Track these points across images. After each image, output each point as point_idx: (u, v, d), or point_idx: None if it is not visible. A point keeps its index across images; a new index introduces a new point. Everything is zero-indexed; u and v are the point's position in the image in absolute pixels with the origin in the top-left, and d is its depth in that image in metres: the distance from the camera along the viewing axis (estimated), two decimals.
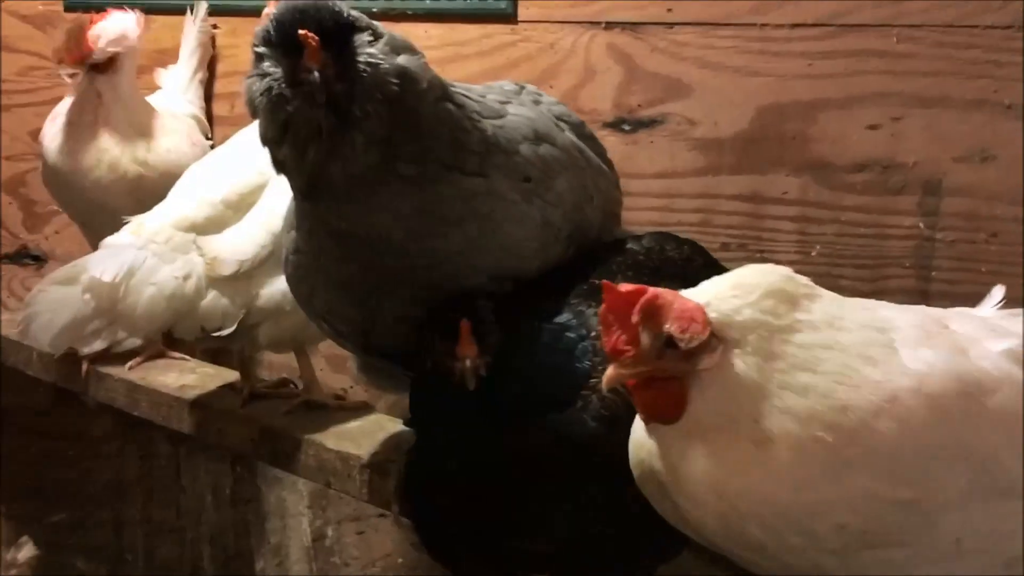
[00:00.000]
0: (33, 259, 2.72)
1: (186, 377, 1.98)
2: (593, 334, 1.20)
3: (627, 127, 1.77)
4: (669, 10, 1.71)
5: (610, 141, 1.74)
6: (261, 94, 1.17)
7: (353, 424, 1.73)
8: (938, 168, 1.49)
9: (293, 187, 1.27)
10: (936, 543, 0.94)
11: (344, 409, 1.80)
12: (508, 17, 1.86)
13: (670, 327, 0.96)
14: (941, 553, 0.95)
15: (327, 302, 1.34)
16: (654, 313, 0.97)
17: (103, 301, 1.62)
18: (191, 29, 2.20)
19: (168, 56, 2.27)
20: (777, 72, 1.61)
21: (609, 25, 1.77)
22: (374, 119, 1.16)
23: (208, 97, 2.27)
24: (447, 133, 1.22)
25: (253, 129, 1.69)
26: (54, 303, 1.73)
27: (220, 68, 2.27)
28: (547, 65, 1.82)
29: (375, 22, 1.21)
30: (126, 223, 1.73)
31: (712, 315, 0.97)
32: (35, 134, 2.61)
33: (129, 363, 1.98)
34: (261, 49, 1.18)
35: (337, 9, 1.18)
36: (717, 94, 1.67)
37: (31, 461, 2.68)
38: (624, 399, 1.11)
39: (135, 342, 1.79)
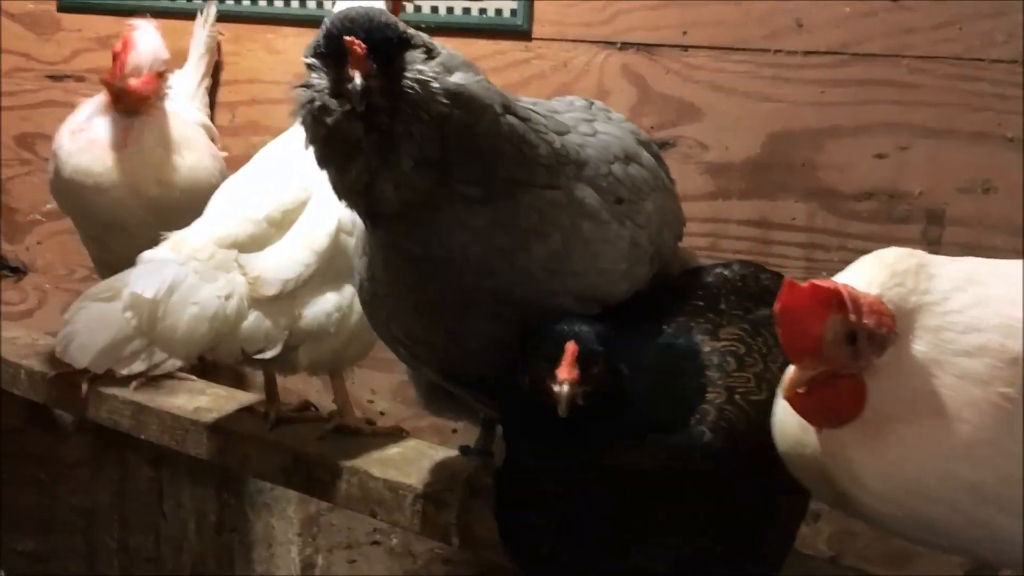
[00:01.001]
0: (11, 270, 2.90)
1: (198, 399, 2.07)
2: (706, 350, 1.32)
3: None
4: (684, 33, 1.97)
5: None
6: (304, 105, 1.27)
7: (393, 451, 1.83)
8: (942, 198, 1.75)
9: (356, 211, 1.35)
10: None
11: (378, 435, 1.90)
12: (522, 34, 2.11)
13: (867, 321, 1.03)
14: None
15: (406, 327, 1.41)
16: (845, 308, 1.03)
17: (143, 319, 1.68)
18: (200, 33, 2.39)
19: (174, 63, 2.48)
20: (788, 98, 1.87)
21: (624, 46, 2.03)
22: (420, 140, 1.24)
23: (210, 105, 2.46)
24: (511, 149, 1.30)
25: (287, 139, 1.91)
26: (94, 321, 1.75)
27: (223, 76, 2.49)
28: (560, 84, 2.08)
29: (433, 41, 1.31)
30: (140, 239, 1.84)
31: (889, 306, 1.05)
32: (19, 139, 2.86)
33: (133, 383, 2.06)
34: (310, 60, 1.28)
35: (390, 23, 1.28)
36: (729, 118, 1.92)
37: None
38: (742, 412, 1.25)
39: (175, 364, 1.82)
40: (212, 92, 2.49)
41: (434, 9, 2.19)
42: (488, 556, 1.61)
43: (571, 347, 1.20)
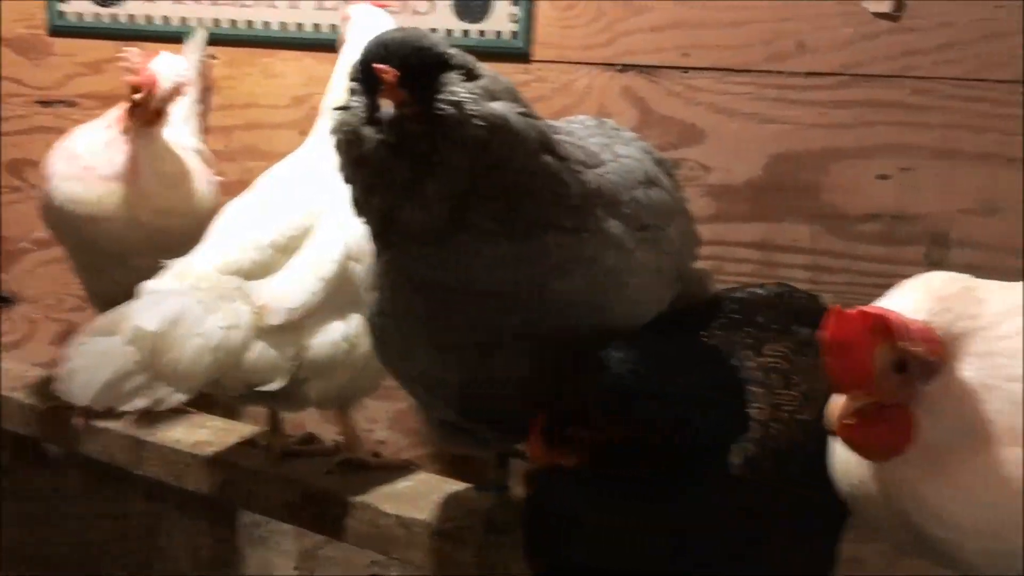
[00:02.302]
0: (1, 300, 2.91)
1: (197, 432, 2.06)
2: (751, 365, 1.33)
3: None
4: (685, 54, 2.05)
5: None
6: (339, 129, 1.30)
7: (404, 485, 1.83)
8: (945, 220, 1.83)
9: (371, 229, 1.37)
10: None
11: (386, 468, 1.90)
12: (522, 56, 2.18)
13: (917, 349, 1.04)
14: None
15: (422, 365, 1.41)
16: (894, 335, 1.04)
17: (146, 353, 1.65)
18: (192, 57, 2.44)
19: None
20: (791, 120, 1.95)
21: (625, 68, 2.11)
22: (452, 168, 1.25)
23: (204, 130, 2.50)
24: (543, 189, 1.31)
25: (292, 162, 1.97)
26: (94, 356, 1.69)
27: (216, 100, 2.55)
28: (561, 106, 2.14)
29: (478, 62, 1.32)
30: (135, 268, 1.83)
31: (938, 332, 1.06)
32: (9, 165, 2.92)
33: (126, 416, 2.02)
34: (351, 84, 1.30)
35: (426, 44, 1.28)
36: (731, 140, 2.00)
37: None
38: (785, 431, 1.27)
39: (179, 399, 1.73)
40: (205, 117, 2.54)
41: (433, 30, 2.27)
42: None
43: (537, 420, 1.24)
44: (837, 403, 1.08)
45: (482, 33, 2.23)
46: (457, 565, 1.65)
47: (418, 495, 1.79)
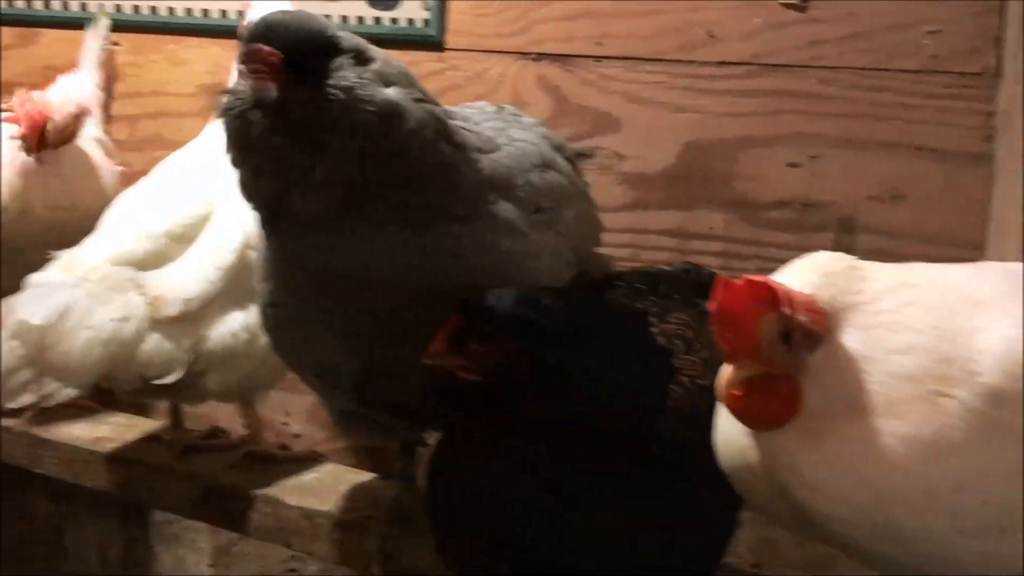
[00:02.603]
0: None
1: (98, 429, 2.04)
2: (652, 329, 1.34)
3: None
4: (598, 43, 2.07)
5: None
6: (225, 111, 1.29)
7: (309, 476, 1.82)
8: (853, 207, 1.88)
9: (260, 215, 1.36)
10: None
11: (293, 460, 1.89)
12: (435, 45, 2.19)
13: (802, 318, 1.05)
14: None
15: (317, 354, 1.41)
16: (779, 305, 1.05)
17: (32, 348, 1.63)
18: (92, 46, 2.42)
19: (61, 73, 2.45)
20: (703, 109, 1.98)
21: (539, 56, 2.12)
22: (341, 154, 1.24)
23: (107, 119, 2.47)
24: (437, 177, 1.31)
25: (190, 151, 1.95)
26: None
27: (120, 88, 2.51)
28: (475, 95, 2.13)
29: (371, 46, 1.32)
30: (32, 262, 1.80)
31: (822, 306, 1.08)
32: None
33: (26, 414, 1.99)
34: (238, 67, 1.29)
35: (314, 27, 1.27)
36: (645, 129, 2.03)
37: None
38: (688, 394, 1.28)
39: (68, 394, 1.70)
40: (108, 106, 2.50)
41: (344, 19, 2.25)
42: None
43: (451, 320, 1.21)
44: (725, 372, 1.09)
45: (394, 21, 2.22)
46: (361, 556, 1.65)
47: (324, 487, 1.79)
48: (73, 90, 2.13)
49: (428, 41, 2.20)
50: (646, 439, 1.27)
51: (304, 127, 1.25)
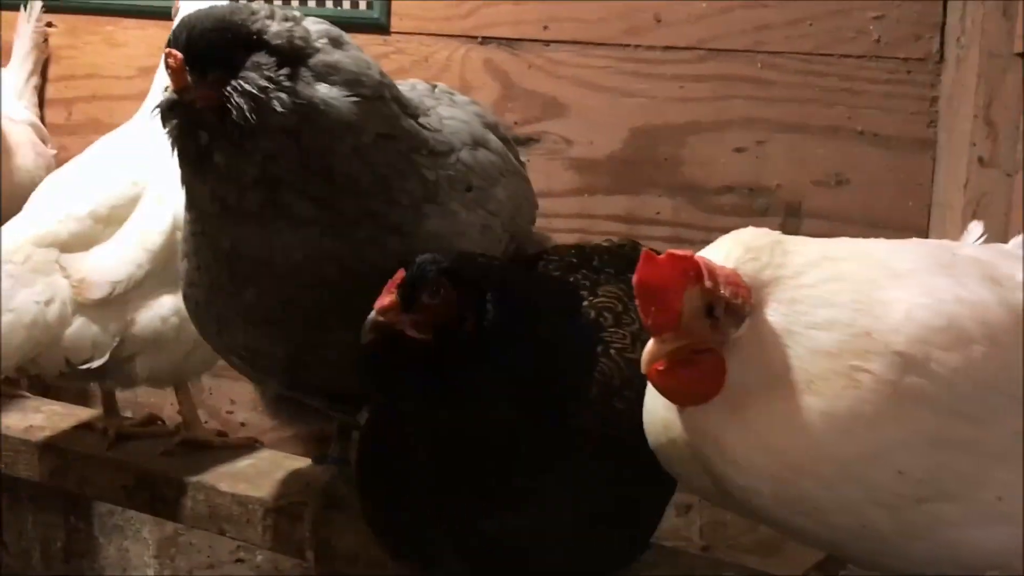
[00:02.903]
0: None
1: (32, 417, 1.99)
2: (584, 304, 1.33)
3: None
4: (545, 27, 2.06)
5: None
6: (156, 106, 1.29)
7: (244, 463, 1.79)
8: (798, 191, 1.91)
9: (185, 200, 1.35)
10: (982, 498, 1.06)
11: (230, 447, 1.86)
12: (381, 28, 2.16)
13: (724, 292, 1.06)
14: (983, 512, 1.06)
15: (242, 338, 1.39)
16: (702, 279, 1.05)
17: None
18: (25, 28, 2.37)
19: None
20: (650, 94, 1.99)
21: (485, 40, 2.11)
22: (247, 152, 1.22)
23: (40, 102, 2.44)
24: (372, 181, 1.29)
25: (121, 134, 1.91)
26: None
27: (55, 71, 2.46)
28: (421, 79, 2.14)
29: (316, 40, 1.28)
30: None
31: (745, 280, 1.09)
32: None
33: None
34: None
35: (231, 21, 1.25)
36: (593, 114, 2.03)
37: None
38: (616, 367, 1.27)
39: None
40: (42, 88, 2.46)
41: (286, 1, 2.22)
42: (347, 571, 1.59)
43: (399, 273, 1.19)
44: (648, 346, 1.09)
45: (338, 3, 2.20)
46: (294, 542, 1.64)
47: (259, 473, 1.77)
48: None
49: (373, 24, 2.18)
50: (572, 411, 1.26)
51: (211, 126, 1.24)
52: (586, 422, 1.26)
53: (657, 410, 1.19)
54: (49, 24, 2.45)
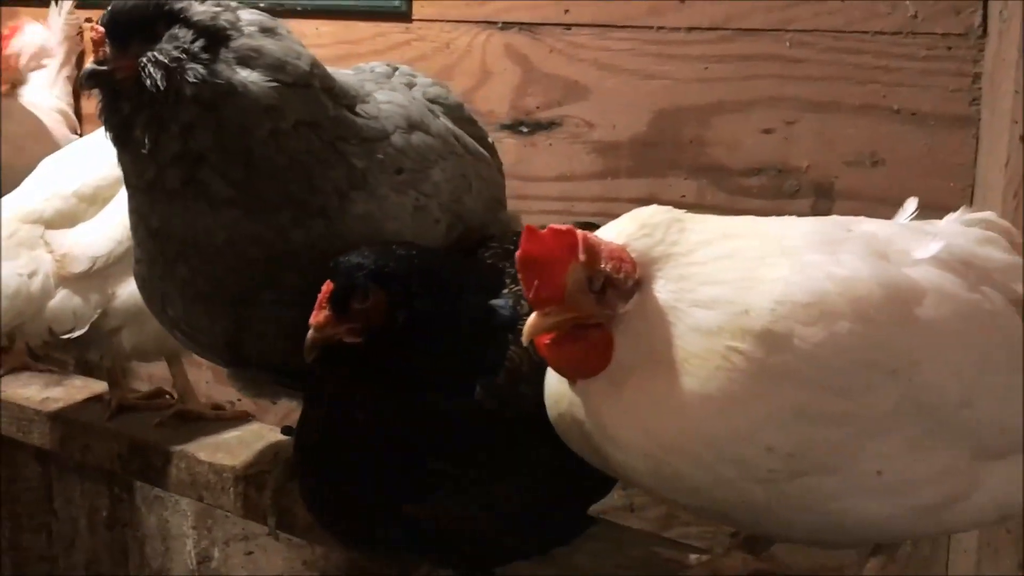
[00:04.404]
0: None
1: (51, 390, 1.85)
2: (504, 292, 1.17)
3: (525, 129, 1.76)
4: (566, 11, 1.71)
5: (507, 143, 1.72)
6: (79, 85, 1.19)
7: (230, 435, 1.65)
8: (830, 172, 1.54)
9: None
10: (861, 471, 0.93)
11: (223, 419, 1.70)
12: (402, 15, 1.84)
13: (605, 267, 0.93)
14: (863, 485, 0.94)
15: (183, 314, 1.25)
16: (587, 254, 0.94)
17: None
18: (56, 22, 2.15)
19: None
20: (673, 75, 1.63)
21: (506, 25, 1.76)
22: (162, 127, 1.10)
23: (76, 93, 2.16)
24: (293, 167, 1.14)
25: None
26: None
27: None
28: (442, 65, 1.80)
29: (248, 22, 1.13)
30: None
31: (633, 255, 0.96)
32: None
33: None
34: None
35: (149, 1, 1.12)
36: (615, 96, 1.68)
37: None
38: (526, 354, 1.09)
39: None
40: (76, 80, 2.17)
41: None
42: (305, 538, 1.47)
43: (325, 286, 1.07)
44: (531, 319, 0.95)
45: None
46: (258, 509, 1.50)
47: (240, 444, 1.62)
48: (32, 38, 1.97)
49: (395, 11, 1.86)
50: (482, 396, 1.11)
51: (131, 97, 1.11)
52: (492, 404, 1.11)
53: (552, 384, 1.05)
54: (88, 20, 2.17)
